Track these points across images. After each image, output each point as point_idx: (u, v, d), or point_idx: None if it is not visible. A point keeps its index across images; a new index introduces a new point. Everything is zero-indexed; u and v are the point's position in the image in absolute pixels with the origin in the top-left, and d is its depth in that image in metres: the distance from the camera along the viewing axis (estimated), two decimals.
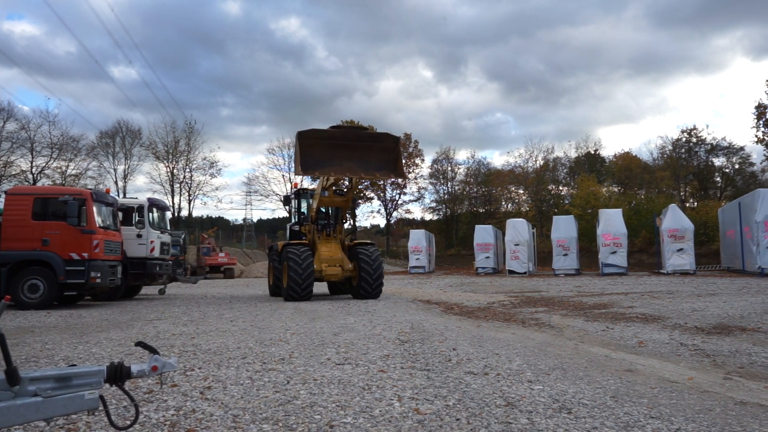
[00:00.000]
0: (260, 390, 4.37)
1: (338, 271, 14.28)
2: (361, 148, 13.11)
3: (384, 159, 13.23)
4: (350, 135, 13.45)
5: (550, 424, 3.43)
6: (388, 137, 13.49)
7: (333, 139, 12.93)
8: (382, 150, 13.26)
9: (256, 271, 37.26)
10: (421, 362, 5.49)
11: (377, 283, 14.17)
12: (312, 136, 12.71)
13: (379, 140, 13.54)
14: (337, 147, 12.85)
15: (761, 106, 40.67)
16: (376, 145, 13.32)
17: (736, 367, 5.20)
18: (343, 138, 13.13)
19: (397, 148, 13.41)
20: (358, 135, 13.49)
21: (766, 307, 10.38)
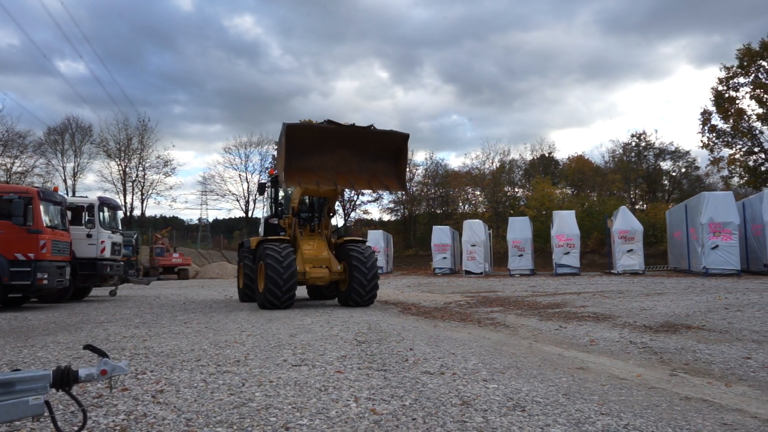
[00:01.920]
0: (214, 393, 4.30)
1: (324, 273, 11.96)
2: (362, 148, 11.07)
3: (387, 163, 11.28)
4: (349, 133, 10.96)
5: (504, 422, 3.48)
6: (396, 135, 11.15)
7: (327, 137, 10.76)
8: (387, 152, 11.18)
9: (212, 272, 36.66)
10: (378, 363, 5.49)
11: (371, 288, 11.80)
12: (303, 131, 10.72)
13: (384, 139, 11.14)
14: (331, 146, 10.82)
15: (706, 112, 42.25)
16: (379, 144, 11.13)
17: (682, 364, 5.38)
18: (341, 136, 10.85)
19: (404, 149, 11.26)
20: (359, 133, 10.98)
21: (710, 306, 10.80)
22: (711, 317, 8.96)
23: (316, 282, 12.23)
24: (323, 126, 10.81)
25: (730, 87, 40.59)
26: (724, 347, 6.26)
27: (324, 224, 12.97)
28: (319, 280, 12.09)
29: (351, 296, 11.82)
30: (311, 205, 13.56)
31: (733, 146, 41.68)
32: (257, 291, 12.02)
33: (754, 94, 39.49)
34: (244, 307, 12.64)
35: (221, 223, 66.51)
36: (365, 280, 11.68)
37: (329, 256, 12.25)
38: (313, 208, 13.50)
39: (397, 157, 11.23)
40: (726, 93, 40.69)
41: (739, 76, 40.05)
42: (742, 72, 39.74)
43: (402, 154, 11.25)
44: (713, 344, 6.47)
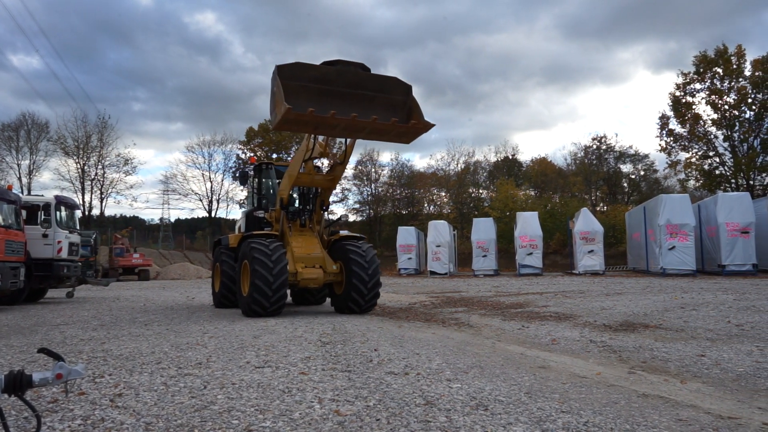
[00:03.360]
0: (175, 396, 4.22)
1: (318, 274, 10.43)
2: (362, 99, 9.03)
3: (396, 111, 9.32)
4: (349, 77, 8.90)
5: (468, 421, 3.51)
6: (397, 85, 9.23)
7: (325, 81, 8.81)
8: (389, 105, 9.22)
9: (173, 273, 36.02)
10: (342, 363, 5.47)
11: (372, 293, 10.35)
12: (298, 73, 8.60)
13: (385, 89, 9.19)
14: (329, 94, 8.83)
15: (664, 117, 43.47)
16: (380, 96, 9.15)
17: (640, 362, 5.51)
18: (339, 81, 8.84)
19: (409, 102, 9.26)
20: (360, 78, 8.97)
21: (667, 305, 11.10)
22: (668, 316, 9.20)
23: (309, 284, 10.55)
24: (320, 66, 8.82)
25: (686, 93, 41.86)
26: (680, 345, 6.44)
27: (316, 218, 11.47)
28: (312, 282, 10.46)
29: (349, 302, 10.38)
30: (302, 197, 12.18)
31: (690, 150, 42.99)
32: (240, 295, 10.50)
33: (710, 100, 40.81)
34: (207, 308, 12.44)
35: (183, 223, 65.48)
36: (366, 283, 10.20)
37: (323, 255, 10.74)
38: (305, 200, 12.08)
39: (401, 109, 9.26)
40: (683, 98, 41.94)
41: (695, 83, 41.34)
42: (698, 78, 41.02)
43: (408, 106, 9.24)
44: (669, 343, 6.65)
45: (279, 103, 8.19)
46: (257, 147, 55.09)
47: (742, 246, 22.53)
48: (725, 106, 40.24)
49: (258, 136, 55.25)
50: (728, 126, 40.49)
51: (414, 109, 9.11)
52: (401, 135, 9.16)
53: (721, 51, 39.61)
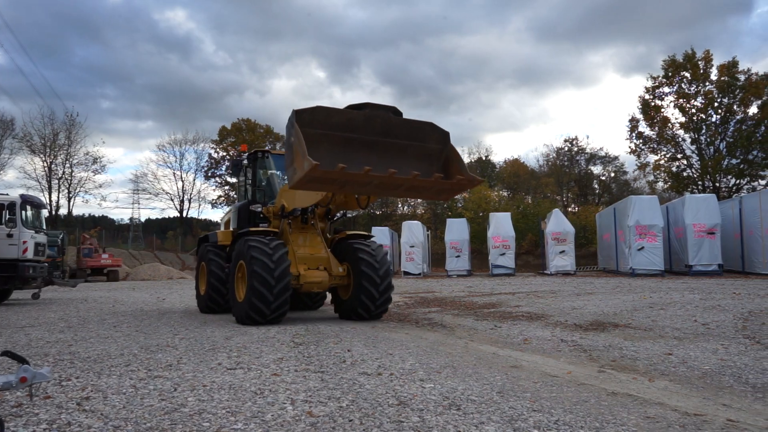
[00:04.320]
0: (144, 398, 4.15)
1: (323, 276, 9.38)
2: (393, 148, 7.53)
3: (433, 162, 7.75)
4: (378, 123, 7.40)
5: (440, 421, 3.52)
6: (433, 132, 7.70)
7: (351, 128, 7.30)
8: (423, 155, 7.66)
9: (143, 273, 35.46)
10: (315, 364, 5.45)
11: (384, 298, 9.36)
12: (319, 119, 7.10)
13: (418, 136, 7.65)
14: (355, 143, 7.34)
15: (634, 119, 44.24)
16: (413, 145, 7.65)
17: (609, 361, 5.60)
18: (367, 127, 7.37)
19: (446, 151, 7.68)
20: (391, 124, 7.50)
21: (636, 305, 11.30)
22: (636, 316, 9.37)
23: (312, 288, 9.47)
24: (346, 111, 7.38)
25: (655, 96, 42.69)
26: (648, 344, 6.56)
27: (319, 215, 10.15)
28: (317, 285, 9.40)
29: (358, 307, 9.32)
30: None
31: (658, 152, 43.85)
32: (233, 300, 9.21)
33: (678, 104, 41.67)
34: (178, 310, 12.27)
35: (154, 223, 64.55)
36: (377, 286, 9.21)
37: (328, 255, 9.70)
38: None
39: (438, 159, 7.76)
40: (652, 102, 42.76)
41: (664, 86, 42.18)
42: (667, 82, 41.86)
43: (445, 155, 7.73)
44: (638, 341, 6.77)
45: (300, 157, 6.65)
46: (230, 146, 54.55)
47: (709, 247, 23.06)
48: (692, 109, 41.15)
49: (230, 135, 54.72)
50: (695, 129, 41.40)
51: (453, 160, 7.68)
52: (441, 192, 7.66)
53: (689, 56, 40.50)
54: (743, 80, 38.97)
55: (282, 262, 8.51)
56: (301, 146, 6.62)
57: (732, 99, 39.55)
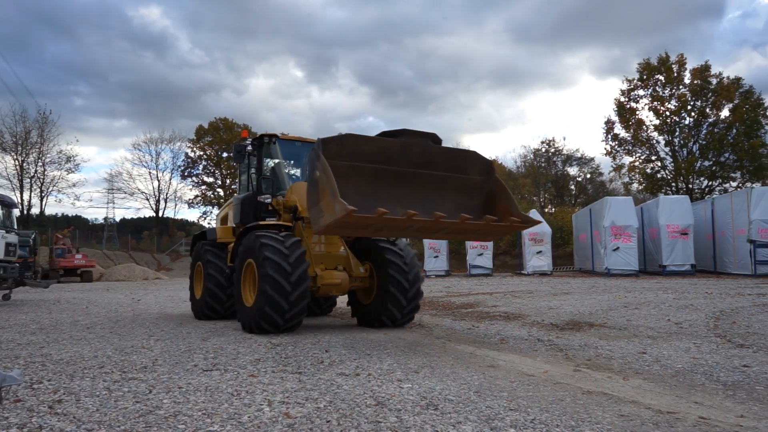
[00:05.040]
0: (119, 401, 4.09)
1: (342, 278, 8.25)
2: (430, 181, 6.77)
3: (475, 196, 6.99)
4: (416, 153, 6.63)
5: (418, 420, 3.52)
6: (476, 162, 6.98)
7: (384, 159, 6.50)
8: (463, 187, 6.95)
9: (118, 274, 34.95)
10: (292, 365, 5.42)
11: (413, 302, 8.34)
12: (348, 149, 6.28)
13: (459, 166, 6.89)
14: (387, 176, 6.55)
15: (610, 122, 44.84)
16: (452, 177, 6.87)
17: (585, 360, 5.67)
18: (402, 158, 6.58)
19: (490, 184, 6.96)
20: (430, 154, 6.71)
21: (611, 304, 11.45)
22: (612, 315, 9.49)
23: (331, 291, 8.37)
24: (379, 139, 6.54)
25: (631, 98, 43.33)
26: (623, 343, 6.65)
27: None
28: (335, 288, 8.29)
29: (383, 314, 8.30)
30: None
31: (633, 154, 44.51)
32: (240, 306, 8.13)
33: (652, 106, 42.36)
34: (153, 311, 12.10)
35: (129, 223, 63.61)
36: (405, 291, 8.18)
37: (347, 254, 8.63)
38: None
39: (483, 189, 7.00)
40: (627, 104, 43.39)
41: (639, 89, 42.83)
42: (642, 85, 42.51)
43: (490, 187, 6.96)
44: (613, 341, 6.86)
45: (328, 197, 5.71)
46: (207, 146, 54.04)
47: (682, 247, 23.48)
48: (666, 112, 41.85)
49: (208, 134, 54.22)
50: (669, 132, 42.11)
51: (498, 194, 6.82)
52: (489, 234, 6.93)
53: (664, 59, 41.18)
54: (715, 84, 39.76)
55: (300, 264, 7.41)
56: (331, 184, 5.68)
57: (704, 102, 40.32)
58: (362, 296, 8.84)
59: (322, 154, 5.95)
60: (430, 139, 6.74)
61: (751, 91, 38.66)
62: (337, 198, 5.49)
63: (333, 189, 5.59)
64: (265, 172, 9.54)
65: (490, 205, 6.84)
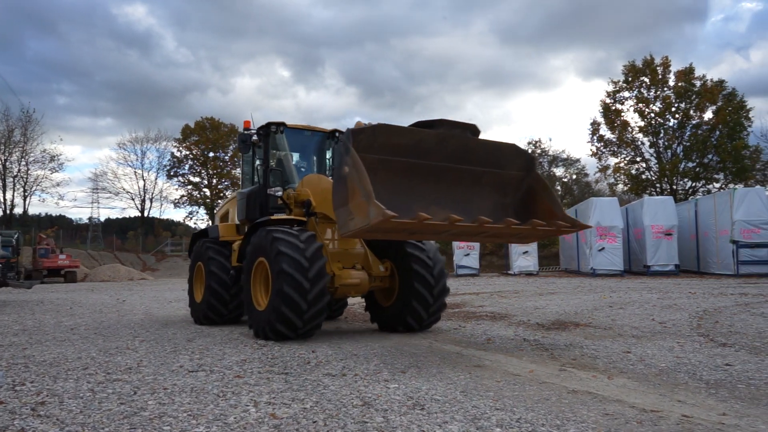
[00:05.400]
0: (103, 403, 4.05)
1: (361, 277, 7.61)
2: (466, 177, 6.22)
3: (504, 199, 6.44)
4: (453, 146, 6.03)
5: (404, 420, 3.53)
6: (516, 156, 6.40)
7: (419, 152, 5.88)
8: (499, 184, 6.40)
9: (103, 274, 34.62)
10: (279, 366, 5.41)
11: (439, 302, 7.74)
12: (380, 141, 5.65)
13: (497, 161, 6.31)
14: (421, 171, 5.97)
15: (595, 123, 45.12)
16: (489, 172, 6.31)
17: (570, 359, 5.70)
18: (439, 151, 5.97)
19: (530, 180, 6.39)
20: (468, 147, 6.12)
21: (597, 304, 11.54)
22: (597, 315, 9.57)
23: (349, 293, 7.74)
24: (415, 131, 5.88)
25: (616, 100, 43.66)
26: (608, 343, 6.71)
27: None
28: (354, 288, 7.63)
29: (406, 316, 7.67)
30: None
31: (619, 155, 44.83)
32: (252, 310, 7.40)
33: (637, 108, 42.71)
34: (139, 312, 12.00)
35: (114, 223, 63.04)
36: (431, 288, 7.57)
37: (366, 251, 7.94)
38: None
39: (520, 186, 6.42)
40: (613, 106, 43.69)
41: (624, 91, 43.17)
42: (627, 87, 42.85)
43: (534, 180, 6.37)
44: (598, 340, 6.92)
45: (359, 198, 5.17)
46: (193, 145, 53.70)
47: (666, 247, 23.71)
48: (651, 113, 42.22)
49: (194, 134, 53.88)
50: (654, 133, 42.48)
51: (539, 192, 6.24)
52: (530, 237, 6.47)
53: (648, 61, 41.53)
54: (699, 86, 40.18)
55: (317, 258, 6.81)
56: (364, 184, 5.11)
57: (688, 104, 40.71)
58: (382, 298, 8.17)
59: (353, 146, 5.34)
60: (470, 130, 6.18)
61: (734, 93, 39.08)
62: (373, 201, 4.95)
63: (367, 191, 5.06)
64: (270, 163, 8.81)
65: (529, 203, 6.26)
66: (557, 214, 6.01)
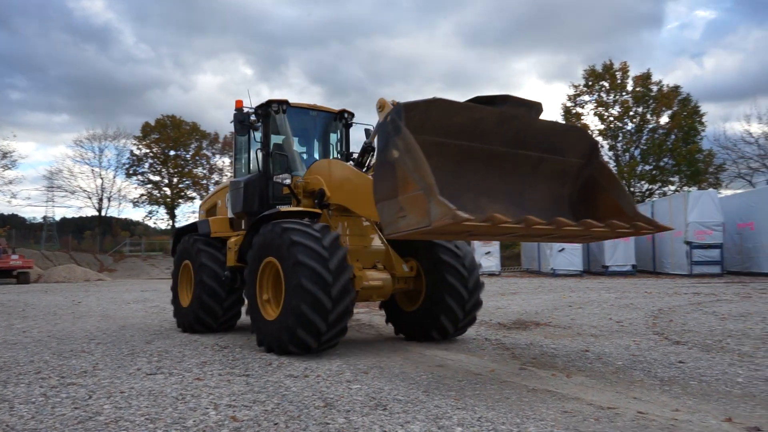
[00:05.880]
0: (56, 407, 3.93)
1: (384, 280, 6.66)
2: (524, 164, 5.27)
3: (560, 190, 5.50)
4: (515, 127, 5.06)
5: (366, 421, 3.53)
6: (579, 141, 5.50)
7: (476, 134, 4.91)
8: (556, 172, 5.44)
9: (58, 275, 33.62)
10: (240, 368, 5.34)
11: (471, 313, 6.83)
12: (433, 119, 4.66)
13: (558, 146, 5.34)
14: (475, 155, 5.00)
15: None
16: (548, 159, 5.34)
17: (530, 358, 5.79)
18: (497, 133, 5.02)
19: (592, 168, 5.44)
20: (530, 130, 5.19)
21: (556, 304, 11.74)
22: (557, 314, 9.74)
23: (371, 297, 6.78)
24: (475, 108, 4.94)
25: (577, 104, 44.56)
26: (567, 341, 6.84)
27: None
28: (377, 291, 6.65)
29: (432, 328, 6.78)
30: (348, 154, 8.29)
31: None
32: (259, 320, 6.28)
33: (597, 112, 43.67)
34: (95, 313, 11.67)
35: (70, 222, 61.27)
36: (463, 301, 6.66)
37: (387, 248, 7.01)
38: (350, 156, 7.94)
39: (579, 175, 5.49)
40: (573, 109, 44.58)
41: (584, 94, 44.09)
42: (587, 90, 43.78)
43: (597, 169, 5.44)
44: (558, 339, 7.04)
45: (415, 192, 4.31)
46: (153, 143, 52.61)
47: (623, 248, 24.29)
48: (610, 117, 43.23)
49: (154, 132, 52.79)
50: (613, 136, 43.50)
51: (604, 184, 5.35)
52: (597, 237, 5.51)
53: (608, 66, 42.52)
54: (655, 91, 41.33)
55: (337, 249, 5.83)
56: (421, 173, 4.24)
57: (646, 108, 41.83)
58: (403, 301, 7.22)
59: (406, 125, 4.45)
60: (535, 110, 5.30)
61: (689, 98, 40.34)
62: (436, 197, 4.08)
63: (427, 183, 4.17)
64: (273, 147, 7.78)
65: (589, 197, 5.44)
66: (626, 212, 5.08)
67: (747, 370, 5.08)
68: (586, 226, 4.66)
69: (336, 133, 8.48)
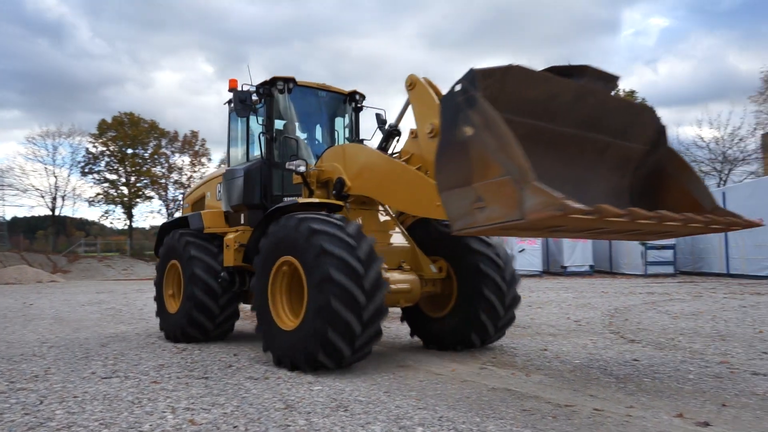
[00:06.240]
0: (5, 414, 3.79)
1: (412, 283, 5.86)
2: (593, 148, 4.65)
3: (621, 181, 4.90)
4: (590, 105, 4.39)
5: (327, 423, 3.51)
6: (649, 122, 4.83)
7: (547, 111, 4.21)
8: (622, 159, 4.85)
9: (8, 276, 32.46)
10: (199, 370, 5.25)
11: (510, 309, 6.21)
12: (509, 92, 3.90)
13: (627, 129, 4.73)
14: (543, 136, 4.26)
15: None
16: (616, 144, 4.72)
17: (490, 358, 5.86)
18: (571, 111, 4.31)
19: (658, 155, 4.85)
20: (605, 108, 4.52)
21: None
22: (516, 314, 9.85)
23: (397, 302, 5.83)
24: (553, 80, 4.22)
25: None
26: (526, 341, 6.94)
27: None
28: (404, 296, 5.81)
29: (471, 330, 6.04)
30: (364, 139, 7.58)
31: None
32: (272, 329, 5.41)
33: None
34: (47, 315, 11.30)
35: (21, 222, 59.23)
36: (503, 294, 6.03)
37: (413, 247, 6.26)
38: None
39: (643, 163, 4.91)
40: None
41: None
42: None
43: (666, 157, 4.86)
44: (517, 338, 7.14)
45: (498, 178, 3.61)
46: (110, 141, 51.32)
47: (581, 249, 24.83)
48: None
49: (111, 129, 51.49)
50: None
51: (676, 174, 4.75)
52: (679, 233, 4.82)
53: None
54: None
55: (363, 237, 5.09)
56: (510, 153, 3.56)
57: None
58: (428, 307, 6.46)
59: (482, 96, 3.73)
60: (612, 85, 4.65)
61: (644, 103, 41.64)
62: (532, 183, 3.38)
63: (519, 166, 3.46)
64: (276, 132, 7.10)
65: (655, 187, 4.83)
66: (703, 205, 4.43)
67: (697, 366, 5.25)
68: (684, 222, 3.99)
69: (344, 117, 7.77)
